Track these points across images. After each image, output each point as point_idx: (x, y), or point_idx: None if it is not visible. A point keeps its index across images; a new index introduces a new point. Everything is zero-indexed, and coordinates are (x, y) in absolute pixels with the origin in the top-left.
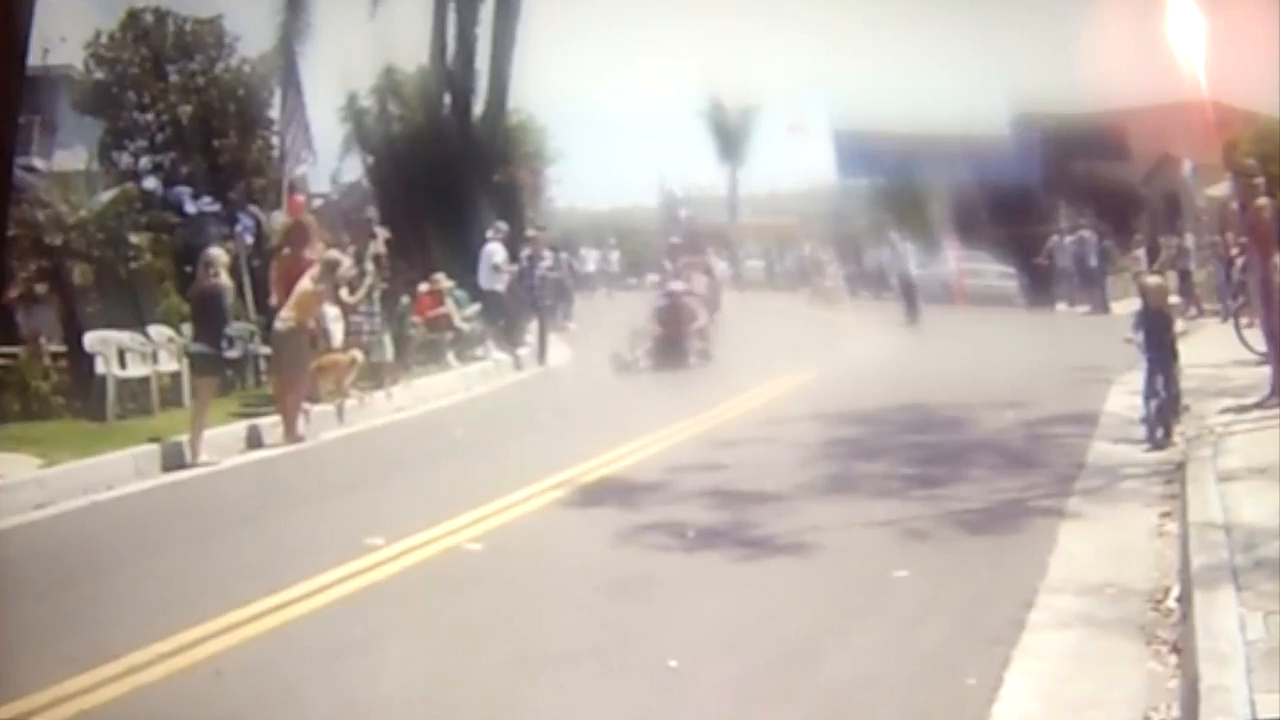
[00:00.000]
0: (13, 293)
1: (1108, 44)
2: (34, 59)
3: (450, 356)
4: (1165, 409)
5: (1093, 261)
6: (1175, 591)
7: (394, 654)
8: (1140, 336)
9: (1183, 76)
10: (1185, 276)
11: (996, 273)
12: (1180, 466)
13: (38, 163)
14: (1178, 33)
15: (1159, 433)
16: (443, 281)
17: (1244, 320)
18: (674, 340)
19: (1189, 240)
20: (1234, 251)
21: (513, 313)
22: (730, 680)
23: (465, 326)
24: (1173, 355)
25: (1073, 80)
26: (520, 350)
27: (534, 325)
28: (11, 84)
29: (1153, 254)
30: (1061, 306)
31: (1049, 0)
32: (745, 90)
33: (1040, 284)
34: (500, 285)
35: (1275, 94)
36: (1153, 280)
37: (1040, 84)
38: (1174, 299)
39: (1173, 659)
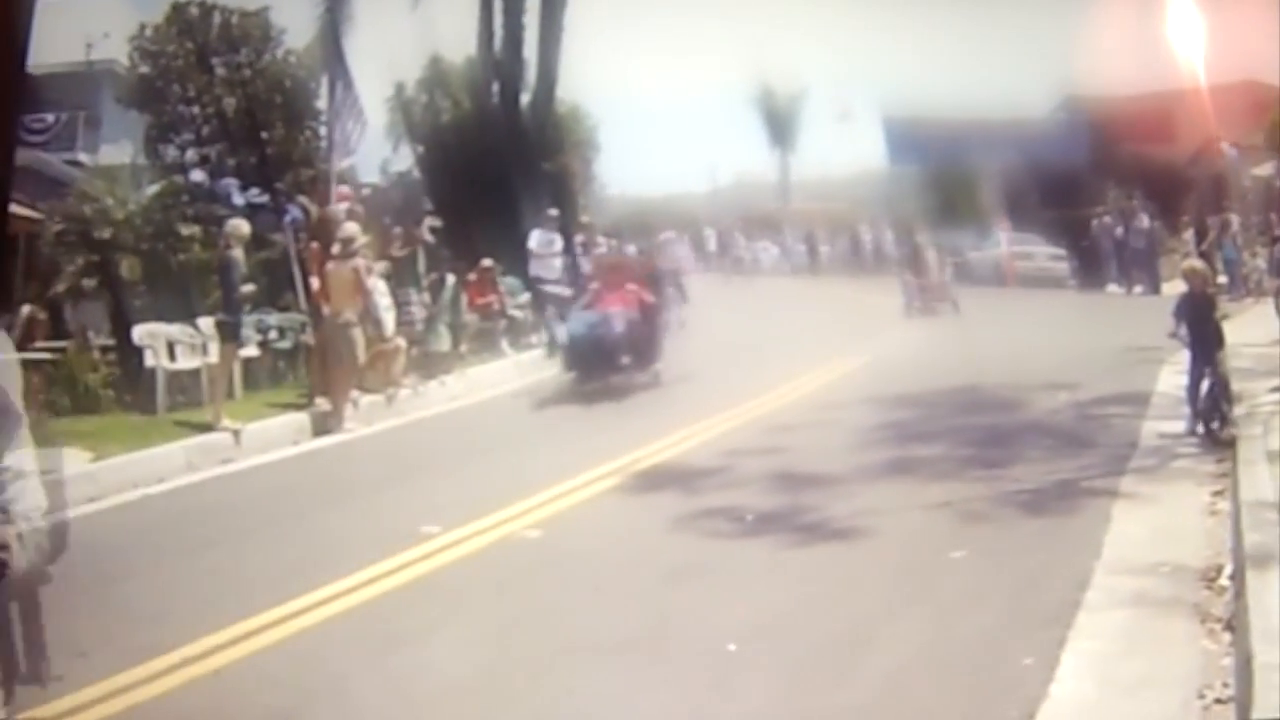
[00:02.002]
0: (60, 287)
1: (1152, 26)
2: (78, 54)
3: (504, 344)
4: (1213, 399)
5: (1141, 243)
6: (1228, 570)
7: (450, 642)
8: (1182, 328)
9: (1227, 58)
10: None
11: (1047, 255)
12: (1231, 445)
13: (83, 157)
14: (1222, 14)
15: (1214, 424)
16: (487, 264)
17: None
18: None
19: (1234, 221)
20: (1278, 231)
21: (566, 300)
22: (789, 662)
23: (518, 314)
24: (1218, 342)
25: (1118, 63)
26: None
27: None
28: (11, 83)
29: (1201, 235)
30: (1112, 288)
31: None
32: (794, 76)
33: (1091, 266)
34: (548, 273)
35: None
36: (1194, 263)
37: (1086, 67)
38: (1222, 279)
39: (1226, 637)
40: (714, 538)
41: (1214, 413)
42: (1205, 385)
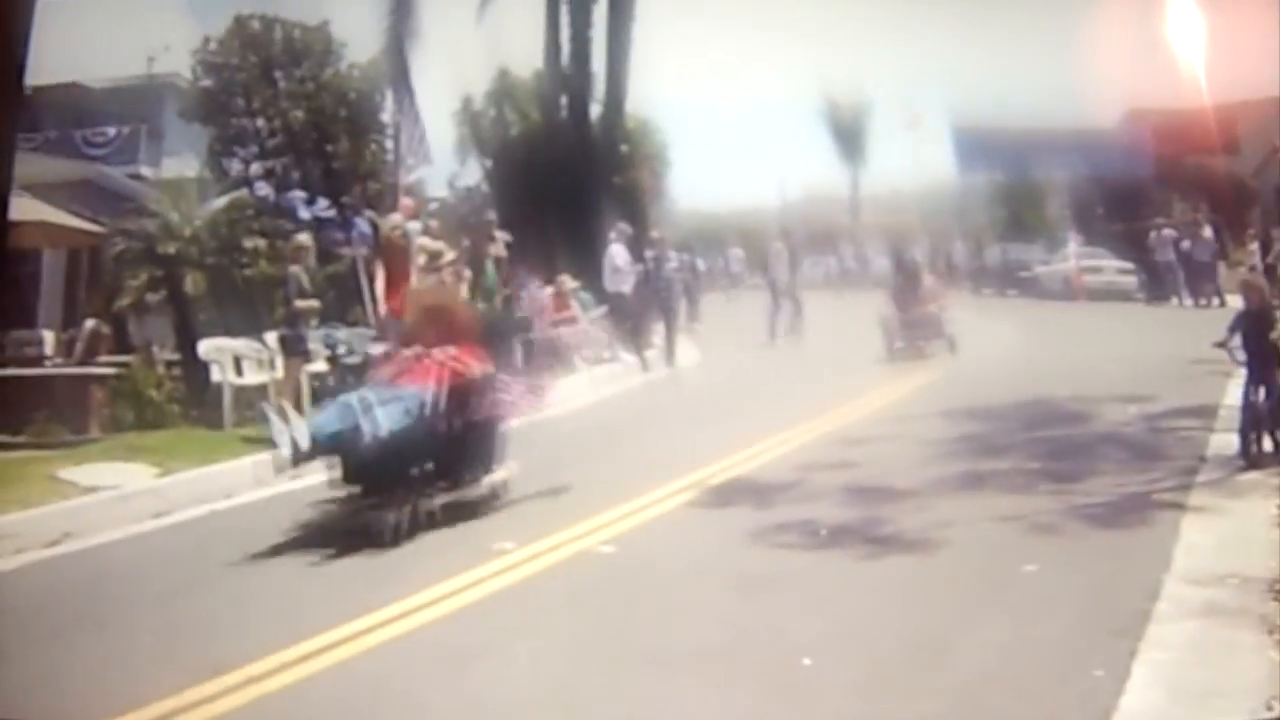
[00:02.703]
0: (124, 301)
1: (1216, 38)
2: (139, 68)
3: (576, 359)
4: (1266, 421)
5: (1205, 255)
6: None
7: (525, 657)
8: (1237, 340)
9: None
10: None
11: (1116, 268)
12: None
13: (145, 170)
14: None
15: (1264, 445)
16: (568, 283)
17: None
18: None
19: None
20: None
21: (639, 314)
22: (863, 676)
23: (591, 329)
24: (1277, 360)
25: (1182, 75)
26: (647, 352)
27: (661, 326)
28: (9, 93)
29: (1266, 247)
30: (1176, 300)
31: None
32: (861, 88)
33: (1159, 279)
34: (625, 287)
35: None
36: (1251, 278)
37: (1151, 79)
38: None
39: None
40: (788, 551)
41: (1265, 434)
42: (1260, 404)
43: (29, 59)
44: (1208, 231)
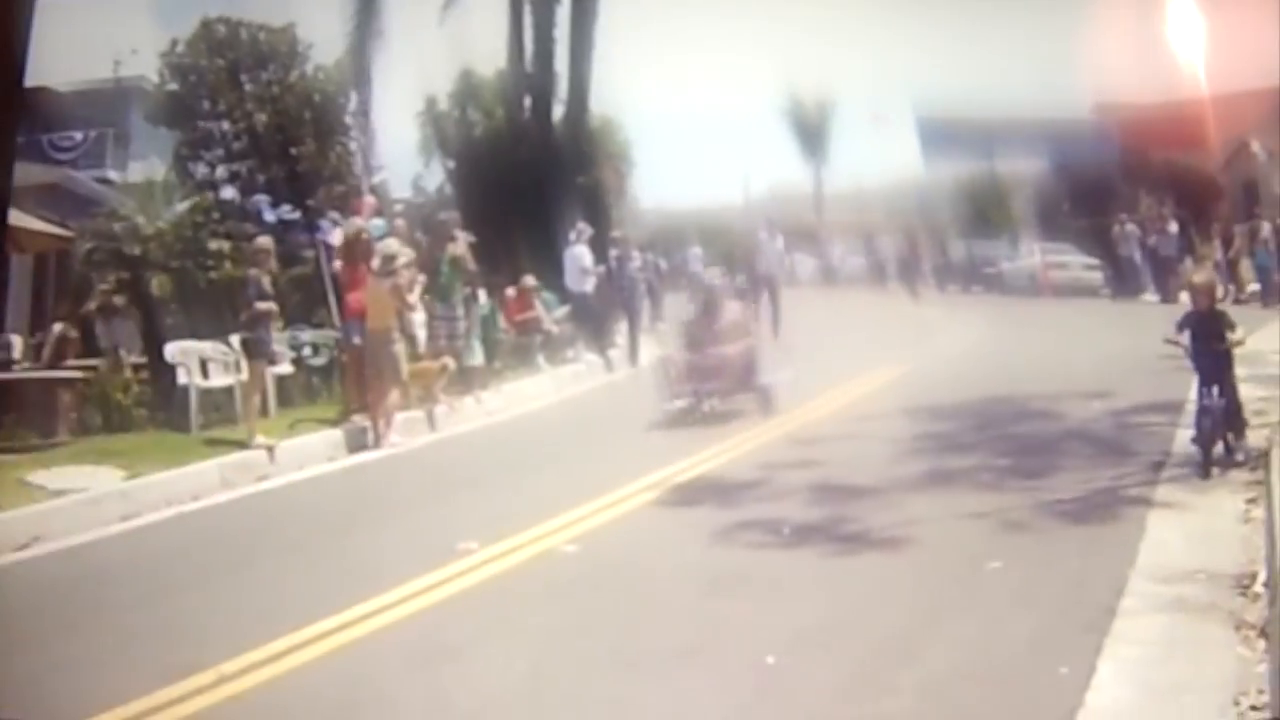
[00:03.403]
0: (91, 305)
1: (1183, 31)
2: (105, 71)
3: (540, 359)
4: (1220, 424)
5: (1171, 250)
6: (1262, 576)
7: (490, 657)
8: (1184, 336)
9: (1259, 63)
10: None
11: (1081, 264)
12: (1265, 453)
13: (112, 175)
14: (1254, 20)
15: (1219, 450)
16: (530, 283)
17: None
18: None
19: (1265, 227)
20: None
21: (602, 314)
22: (829, 674)
23: (555, 329)
24: (1227, 362)
25: (1149, 69)
26: (611, 351)
27: (624, 326)
28: (9, 96)
29: (1227, 243)
30: (1142, 295)
31: None
32: (826, 86)
33: (1123, 274)
34: (589, 287)
35: None
36: (1199, 278)
37: (1117, 73)
38: (1254, 286)
39: (1261, 644)
40: (752, 550)
41: (1219, 438)
42: (1215, 407)
43: (29, 61)
44: (1173, 227)
